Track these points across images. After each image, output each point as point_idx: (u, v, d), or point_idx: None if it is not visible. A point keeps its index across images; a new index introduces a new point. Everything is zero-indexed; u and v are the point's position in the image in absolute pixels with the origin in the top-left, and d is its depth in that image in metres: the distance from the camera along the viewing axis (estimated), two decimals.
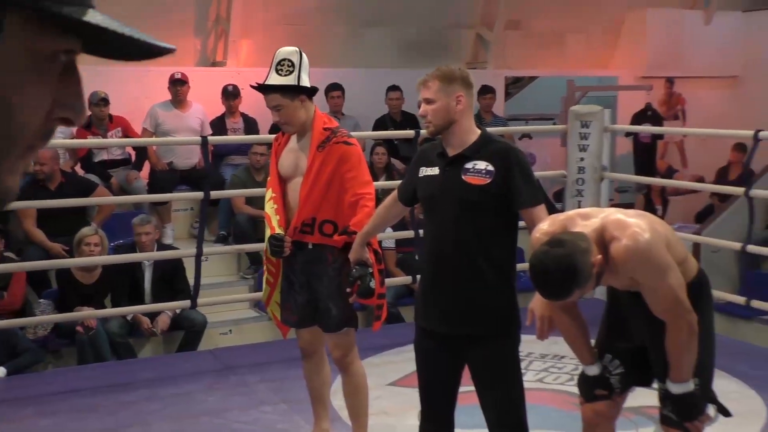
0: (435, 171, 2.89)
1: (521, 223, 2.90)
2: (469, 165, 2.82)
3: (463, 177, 2.81)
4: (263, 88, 3.40)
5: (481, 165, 2.81)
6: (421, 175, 2.94)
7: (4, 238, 5.68)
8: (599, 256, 2.44)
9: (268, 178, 3.63)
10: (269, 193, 3.55)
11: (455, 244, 2.83)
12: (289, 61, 3.36)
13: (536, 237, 2.58)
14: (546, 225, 2.61)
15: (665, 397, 2.65)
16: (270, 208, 3.52)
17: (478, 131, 2.89)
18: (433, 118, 2.83)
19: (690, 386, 2.58)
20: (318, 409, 3.77)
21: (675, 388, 2.60)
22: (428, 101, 2.83)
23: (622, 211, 2.68)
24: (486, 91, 8.34)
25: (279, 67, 3.37)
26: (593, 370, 2.83)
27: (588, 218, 2.58)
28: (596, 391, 2.84)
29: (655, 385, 2.76)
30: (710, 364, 2.70)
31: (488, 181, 2.79)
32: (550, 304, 2.79)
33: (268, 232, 3.49)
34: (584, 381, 2.88)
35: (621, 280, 2.60)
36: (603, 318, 2.91)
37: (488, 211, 2.81)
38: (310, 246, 3.46)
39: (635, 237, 2.46)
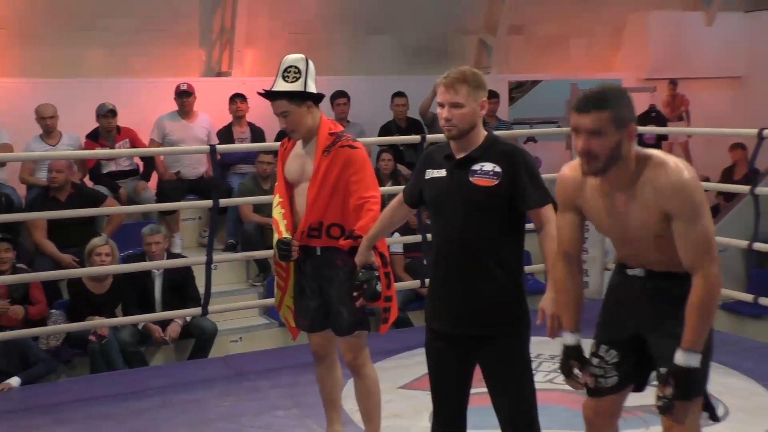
0: (442, 173, 2.91)
1: (529, 225, 2.93)
2: (476, 167, 2.84)
3: (470, 179, 2.84)
4: (270, 95, 3.45)
5: (489, 166, 2.83)
6: (427, 177, 2.97)
7: (15, 250, 5.73)
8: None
9: (276, 184, 3.68)
10: (276, 199, 3.60)
11: (463, 245, 2.85)
12: (296, 68, 3.41)
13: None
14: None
15: (666, 379, 2.55)
16: (277, 213, 3.56)
17: (485, 133, 2.92)
18: (460, 122, 2.83)
19: (697, 361, 2.50)
20: (330, 413, 3.80)
21: (683, 358, 2.50)
22: (457, 105, 2.82)
23: None
24: (490, 95, 8.34)
25: (286, 74, 3.42)
26: (570, 339, 2.80)
27: None
28: (570, 362, 2.79)
29: (654, 381, 2.71)
30: (708, 372, 2.67)
31: (496, 182, 2.81)
32: (559, 302, 2.83)
33: (275, 237, 3.54)
34: (562, 354, 2.82)
35: (646, 215, 2.54)
36: (599, 315, 2.88)
37: (496, 212, 2.84)
38: (318, 251, 3.50)
39: (680, 167, 2.47)
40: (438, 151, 2.99)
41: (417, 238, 5.94)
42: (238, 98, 7.56)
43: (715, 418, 2.74)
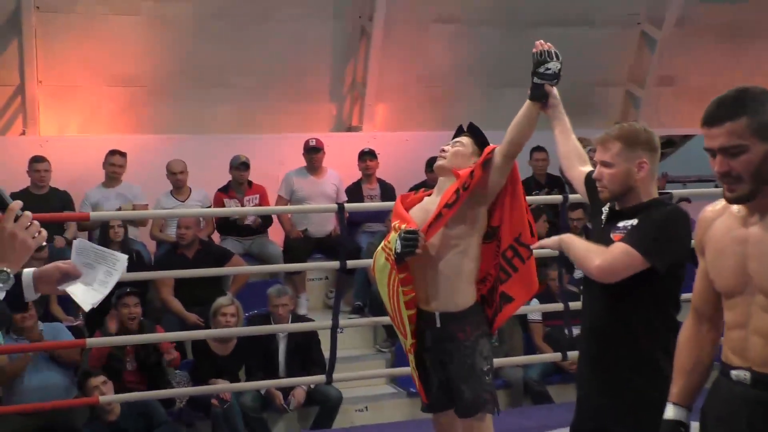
0: (601, 220, 2.66)
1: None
2: (621, 223, 2.54)
3: (611, 235, 2.53)
4: (466, 129, 3.56)
5: (630, 222, 2.50)
6: (602, 214, 2.65)
7: (143, 305, 5.66)
8: None
9: None
10: None
11: (600, 317, 2.55)
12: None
13: None
14: None
15: None
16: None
17: (654, 196, 2.56)
18: (609, 183, 2.53)
19: None
20: None
21: None
22: (606, 164, 2.54)
23: None
24: None
25: None
26: (671, 413, 2.23)
27: None
28: None
29: None
30: None
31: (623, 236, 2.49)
32: (676, 368, 2.27)
33: (394, 235, 3.21)
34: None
35: None
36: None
37: (627, 280, 2.44)
38: (438, 322, 3.19)
39: None
40: None
41: (558, 306, 5.45)
42: (367, 156, 7.36)
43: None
